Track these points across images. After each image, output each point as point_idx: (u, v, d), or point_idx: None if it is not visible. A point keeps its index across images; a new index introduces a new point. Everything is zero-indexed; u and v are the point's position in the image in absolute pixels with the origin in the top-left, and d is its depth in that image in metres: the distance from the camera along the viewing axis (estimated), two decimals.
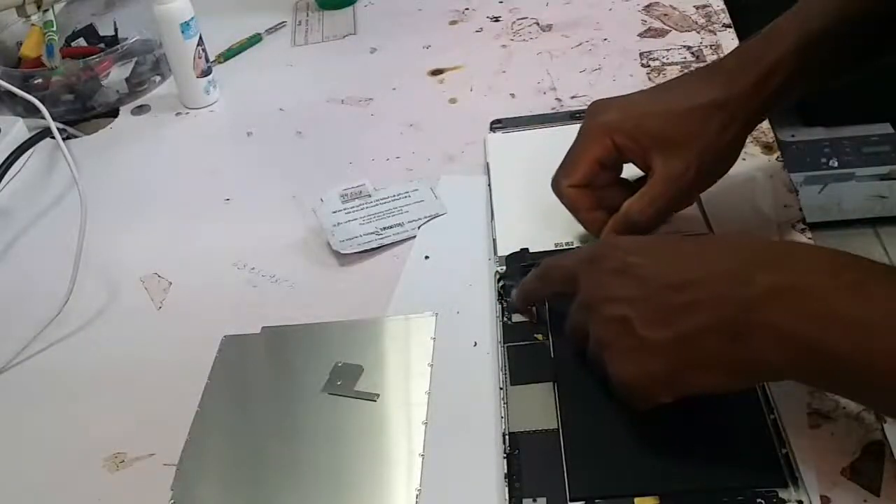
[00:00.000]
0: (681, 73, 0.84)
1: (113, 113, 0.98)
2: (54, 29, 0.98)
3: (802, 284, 0.45)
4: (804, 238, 0.65)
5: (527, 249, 0.67)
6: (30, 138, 0.91)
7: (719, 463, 0.51)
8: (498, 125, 0.83)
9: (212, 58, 0.99)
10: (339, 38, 1.05)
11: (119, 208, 0.84)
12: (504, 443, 0.54)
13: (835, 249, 0.48)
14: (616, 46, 0.93)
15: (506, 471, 0.53)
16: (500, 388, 0.58)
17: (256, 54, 1.05)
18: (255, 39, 1.06)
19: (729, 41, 0.90)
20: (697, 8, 0.96)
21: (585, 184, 0.63)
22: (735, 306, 0.46)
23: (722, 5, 0.96)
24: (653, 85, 0.80)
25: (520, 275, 0.64)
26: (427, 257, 0.71)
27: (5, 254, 0.81)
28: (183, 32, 0.91)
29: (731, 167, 0.63)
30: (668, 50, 0.90)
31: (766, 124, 0.76)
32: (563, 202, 0.65)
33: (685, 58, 0.89)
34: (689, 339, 0.47)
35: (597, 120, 0.63)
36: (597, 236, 0.64)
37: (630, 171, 0.64)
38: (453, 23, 1.03)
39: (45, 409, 0.65)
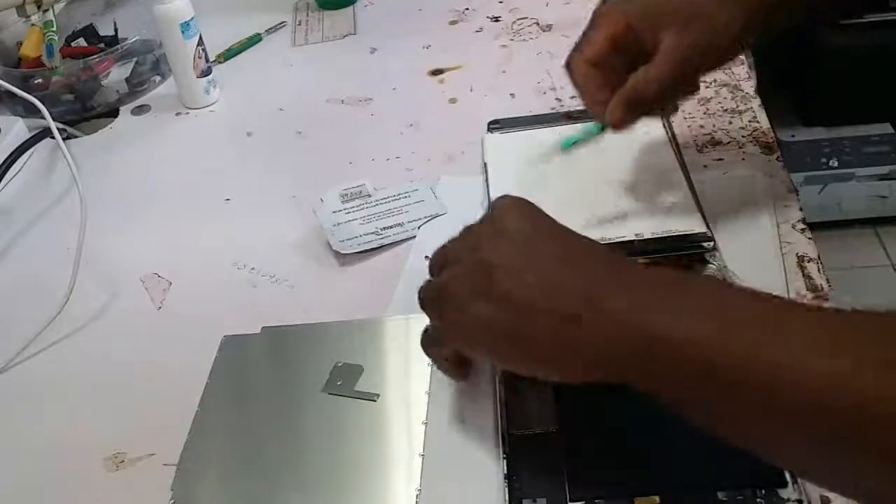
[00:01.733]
0: None
1: (113, 113, 0.98)
2: (54, 29, 0.99)
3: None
4: (804, 238, 0.65)
5: None
6: (30, 138, 0.91)
7: (719, 463, 0.51)
8: (496, 125, 0.83)
9: (212, 58, 0.99)
10: (339, 38, 1.05)
11: (119, 208, 0.84)
12: (504, 443, 0.54)
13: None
14: None
15: (505, 471, 0.53)
16: (500, 389, 0.58)
17: (256, 54, 1.05)
18: (255, 39, 1.06)
19: None
20: None
21: (598, 61, 0.62)
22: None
23: None
24: None
25: None
26: (427, 257, 0.71)
27: (5, 254, 0.81)
28: (183, 32, 0.91)
29: (737, 54, 0.63)
30: None
31: (766, 124, 0.76)
32: (573, 80, 0.64)
33: None
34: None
35: (609, 4, 0.62)
36: (600, 121, 0.63)
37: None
38: (453, 23, 1.03)
39: (45, 409, 0.65)
